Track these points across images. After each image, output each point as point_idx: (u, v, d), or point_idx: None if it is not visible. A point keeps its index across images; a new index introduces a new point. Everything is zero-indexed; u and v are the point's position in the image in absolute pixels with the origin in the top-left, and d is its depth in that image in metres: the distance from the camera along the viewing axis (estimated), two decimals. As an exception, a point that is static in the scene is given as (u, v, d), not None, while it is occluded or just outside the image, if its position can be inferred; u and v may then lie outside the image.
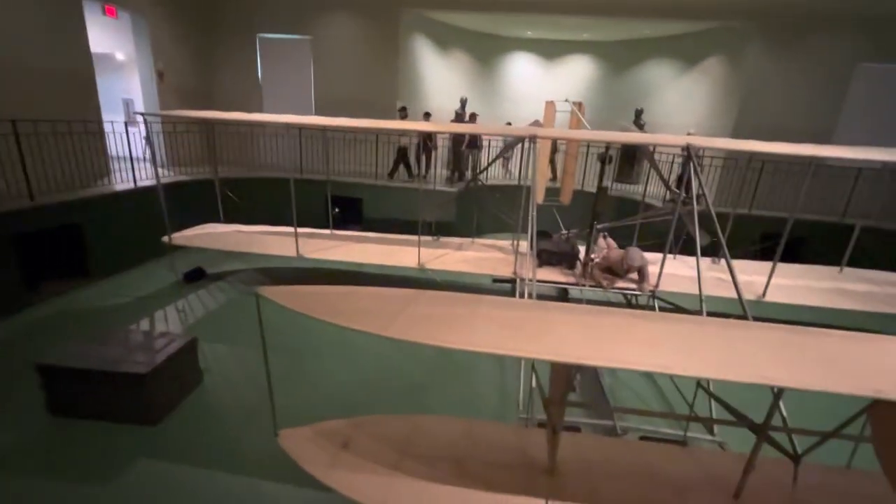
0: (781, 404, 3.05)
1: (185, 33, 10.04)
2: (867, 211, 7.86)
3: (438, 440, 2.46)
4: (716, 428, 3.85)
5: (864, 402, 1.86)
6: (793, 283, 5.65)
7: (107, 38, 9.77)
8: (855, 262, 6.22)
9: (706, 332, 2.05)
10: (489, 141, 10.91)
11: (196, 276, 7.05)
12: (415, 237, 6.07)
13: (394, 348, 5.33)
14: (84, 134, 6.85)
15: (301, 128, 9.48)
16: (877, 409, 2.19)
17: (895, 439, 2.11)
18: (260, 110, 10.92)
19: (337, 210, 9.27)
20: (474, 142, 10.11)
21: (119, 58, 10.48)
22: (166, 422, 3.92)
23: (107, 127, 7.56)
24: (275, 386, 4.43)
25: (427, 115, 10.13)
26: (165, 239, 6.36)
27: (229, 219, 7.31)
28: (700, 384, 2.65)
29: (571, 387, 1.99)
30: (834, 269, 6.28)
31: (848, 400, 1.66)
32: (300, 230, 6.35)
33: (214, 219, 7.30)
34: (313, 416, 2.76)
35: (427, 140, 9.11)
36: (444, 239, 6.97)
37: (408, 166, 10.11)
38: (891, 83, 9.72)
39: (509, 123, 11.97)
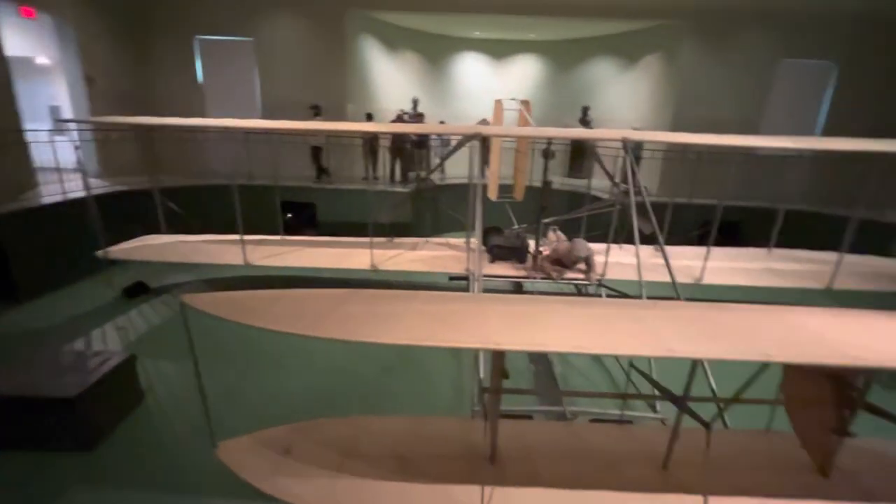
0: (710, 377, 3.25)
1: (116, 35, 9.50)
2: (793, 195, 8.50)
3: (383, 439, 2.45)
4: (659, 405, 4.05)
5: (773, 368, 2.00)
6: (727, 265, 6.01)
7: (25, 41, 9.10)
8: (783, 243, 6.69)
9: (630, 314, 2.15)
10: (449, 140, 10.98)
11: (137, 292, 6.69)
12: (368, 240, 6.01)
13: (349, 352, 5.26)
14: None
15: (245, 132, 9.20)
16: (786, 374, 2.38)
17: (801, 401, 2.30)
18: (203, 115, 10.49)
19: (289, 216, 9.07)
20: (422, 141, 10.15)
21: (42, 62, 9.78)
22: (103, 446, 3.70)
23: (30, 136, 7.05)
24: (225, 398, 4.29)
25: (369, 116, 10.09)
26: (100, 253, 5.99)
27: (172, 230, 6.97)
28: (632, 364, 2.77)
29: (505, 374, 2.03)
30: (764, 251, 6.73)
31: (772, 368, 1.81)
32: (249, 237, 6.15)
33: (156, 230, 6.95)
34: (264, 426, 2.67)
35: (373, 141, 9.07)
36: (398, 240, 6.94)
37: (320, 167, 10.04)
38: (809, 77, 10.55)
39: (442, 122, 12.04)
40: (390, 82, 12.70)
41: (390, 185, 10.02)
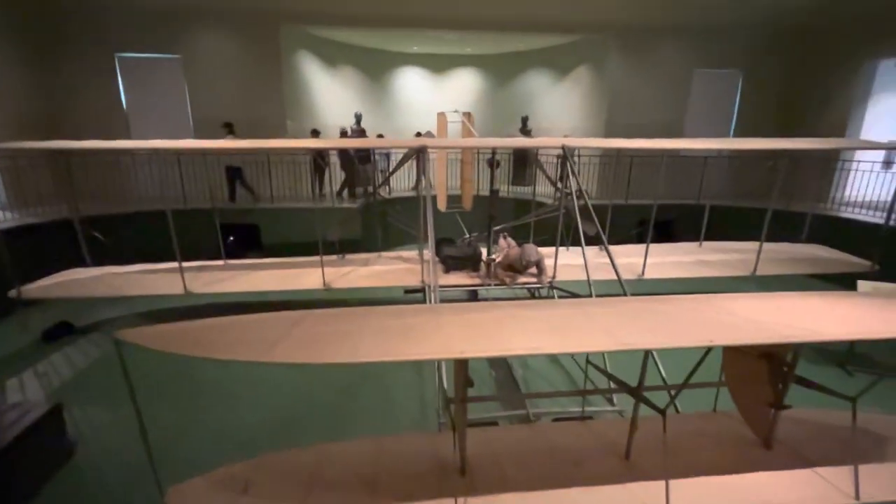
0: (660, 366, 3.43)
1: (21, 54, 8.69)
2: (717, 192, 9.27)
3: (348, 464, 2.36)
4: (616, 399, 4.21)
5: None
6: (664, 260, 6.41)
7: None
8: (711, 236, 7.25)
9: (583, 312, 2.24)
10: (389, 153, 10.97)
11: (60, 333, 6.04)
12: (318, 258, 5.84)
13: (305, 376, 5.07)
14: None
15: (177, 153, 8.69)
16: (725, 357, 2.56)
17: (741, 381, 2.48)
18: (127, 137, 9.79)
19: (231, 239, 8.64)
20: (367, 156, 10.11)
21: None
22: (28, 510, 3.29)
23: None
24: (172, 439, 3.98)
25: (315, 133, 9.90)
26: (13, 293, 5.37)
27: (99, 262, 6.40)
28: (589, 360, 2.88)
29: (469, 383, 2.03)
30: (695, 244, 7.26)
31: (713, 352, 1.93)
32: (188, 264, 5.78)
33: (80, 264, 6.35)
34: (218, 465, 2.47)
35: (319, 158, 8.90)
36: (349, 256, 6.81)
37: (245, 187, 9.62)
38: (720, 85, 11.62)
39: (381, 136, 12.08)
40: (331, 98, 12.55)
41: (338, 202, 9.84)
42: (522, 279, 5.63)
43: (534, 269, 5.62)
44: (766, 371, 2.36)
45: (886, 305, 2.32)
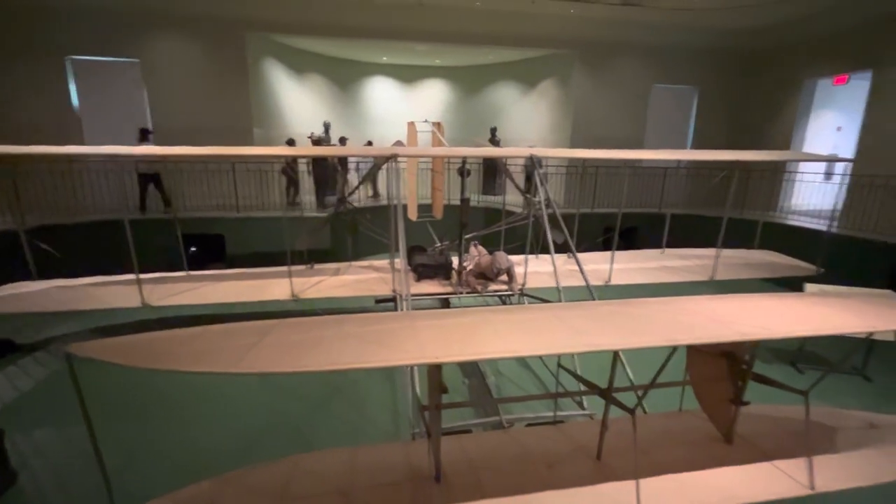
0: (628, 368, 3.53)
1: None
2: (677, 201, 9.70)
3: (321, 476, 2.29)
4: (586, 402, 4.30)
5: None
6: (629, 266, 6.63)
7: None
8: (672, 243, 7.56)
9: (554, 316, 2.28)
10: (357, 163, 10.91)
11: (1, 352, 5.61)
12: (286, 268, 5.70)
13: (273, 390, 4.91)
14: None
15: (136, 160, 8.33)
16: (689, 357, 2.66)
17: (703, 379, 2.58)
18: (81, 143, 9.31)
19: (193, 249, 8.32)
20: (341, 165, 10.04)
21: None
22: (-38, 546, 3.02)
23: None
24: (130, 460, 3.76)
25: (290, 142, 9.75)
26: (-52, 310, 4.97)
27: (47, 275, 6.00)
28: (560, 364, 2.93)
29: (443, 389, 2.03)
30: (658, 251, 7.55)
31: (677, 353, 2.01)
32: (147, 276, 5.50)
33: (25, 277, 5.93)
34: (182, 485, 2.34)
35: (291, 166, 8.75)
36: (319, 266, 6.68)
37: (143, 199, 9.04)
38: (677, 100, 12.25)
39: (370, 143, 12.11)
40: (299, 106, 12.40)
41: (307, 210, 9.69)
42: (493, 287, 5.68)
43: (505, 277, 5.68)
44: (727, 369, 2.47)
45: (832, 305, 2.49)
